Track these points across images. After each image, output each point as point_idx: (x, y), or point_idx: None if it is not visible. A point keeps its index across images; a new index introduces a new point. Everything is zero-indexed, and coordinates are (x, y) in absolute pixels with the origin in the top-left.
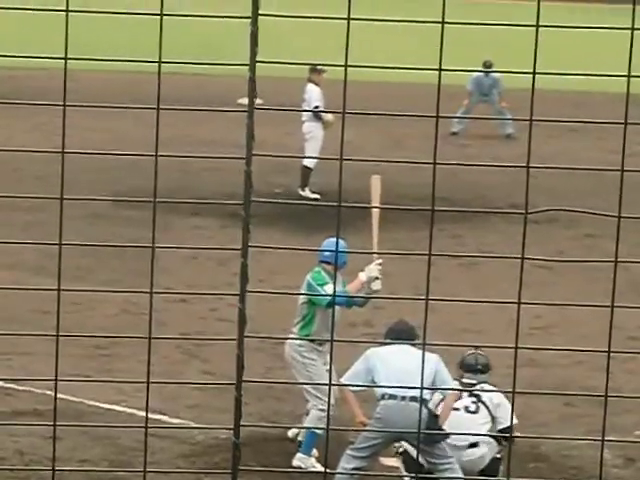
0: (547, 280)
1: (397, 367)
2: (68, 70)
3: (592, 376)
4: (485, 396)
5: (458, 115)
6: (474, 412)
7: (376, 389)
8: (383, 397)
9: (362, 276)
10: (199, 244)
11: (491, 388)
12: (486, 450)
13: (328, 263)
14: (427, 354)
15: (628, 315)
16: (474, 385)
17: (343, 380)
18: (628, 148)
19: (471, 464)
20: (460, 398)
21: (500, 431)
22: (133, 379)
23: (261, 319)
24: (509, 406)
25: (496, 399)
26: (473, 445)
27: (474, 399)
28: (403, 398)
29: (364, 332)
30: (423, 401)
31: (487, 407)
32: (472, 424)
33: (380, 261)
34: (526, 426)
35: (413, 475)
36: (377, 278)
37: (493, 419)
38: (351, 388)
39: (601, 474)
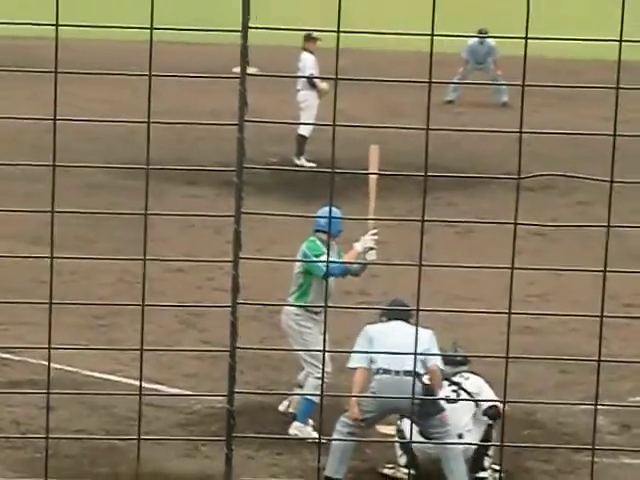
0: (542, 247)
1: (392, 343)
2: (63, 39)
3: (588, 343)
4: (466, 384)
5: (452, 81)
6: (454, 402)
7: (372, 365)
8: (378, 372)
9: (357, 246)
10: (195, 212)
11: (471, 375)
12: (471, 439)
13: (323, 232)
14: (421, 330)
15: (623, 283)
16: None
17: (351, 364)
18: (621, 115)
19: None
20: (442, 387)
21: (485, 411)
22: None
23: (257, 288)
24: (490, 390)
25: (477, 384)
26: (458, 437)
27: (454, 388)
28: (397, 373)
29: (360, 300)
30: (417, 375)
31: (469, 393)
32: (453, 415)
33: (375, 231)
34: (522, 393)
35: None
36: (372, 248)
37: (476, 404)
38: (358, 362)
39: (594, 439)
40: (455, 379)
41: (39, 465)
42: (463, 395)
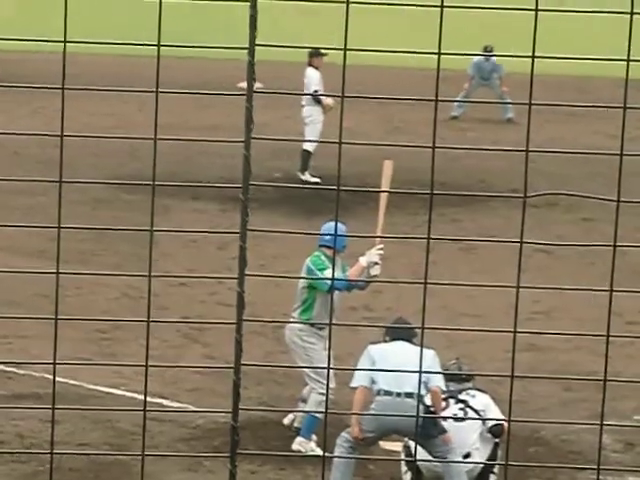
0: (546, 264)
1: (394, 364)
2: (68, 54)
3: (592, 361)
4: (472, 402)
5: (458, 99)
6: (462, 420)
7: (373, 385)
8: (379, 393)
9: (362, 261)
10: (199, 228)
11: (477, 393)
12: (478, 458)
13: (328, 247)
14: (424, 350)
15: (627, 300)
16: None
17: (353, 384)
18: (628, 133)
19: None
20: (448, 407)
21: (490, 428)
22: (132, 362)
23: (262, 304)
24: (496, 407)
25: (484, 402)
26: (466, 456)
27: (461, 406)
28: (398, 395)
29: (364, 316)
30: (419, 397)
31: (476, 411)
32: (461, 433)
33: (381, 246)
34: (526, 411)
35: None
36: (376, 263)
37: (483, 422)
38: (359, 381)
39: (599, 458)
40: (461, 397)
41: (43, 478)
42: (470, 413)
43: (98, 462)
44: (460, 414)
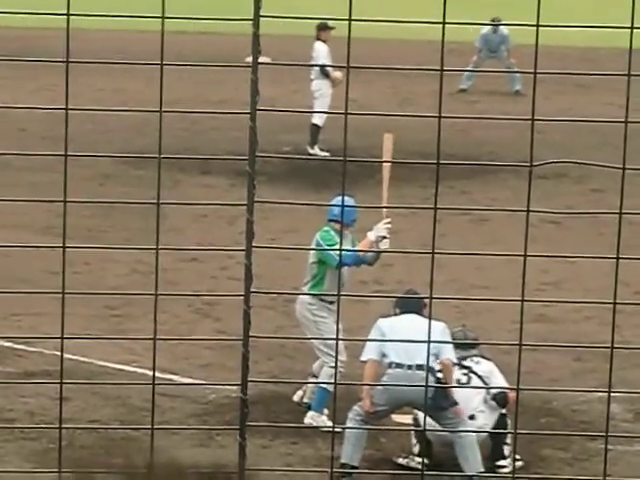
0: (556, 235)
1: (404, 336)
2: (75, 29)
3: (601, 330)
4: (476, 367)
5: (464, 69)
6: (465, 385)
7: (384, 358)
8: (390, 366)
9: (370, 235)
10: (207, 202)
11: (482, 359)
12: (483, 421)
13: (337, 222)
14: (434, 323)
15: (636, 270)
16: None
17: (363, 357)
18: (635, 102)
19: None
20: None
21: (494, 396)
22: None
23: (271, 278)
24: (501, 375)
25: (487, 368)
26: (470, 418)
27: (465, 371)
28: (409, 367)
29: (374, 289)
30: (430, 369)
31: (480, 377)
32: (465, 397)
33: (389, 220)
34: (537, 382)
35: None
36: (385, 237)
37: (487, 390)
38: (370, 354)
39: (607, 427)
40: (465, 363)
41: (53, 456)
42: (474, 378)
43: (109, 438)
44: (463, 379)
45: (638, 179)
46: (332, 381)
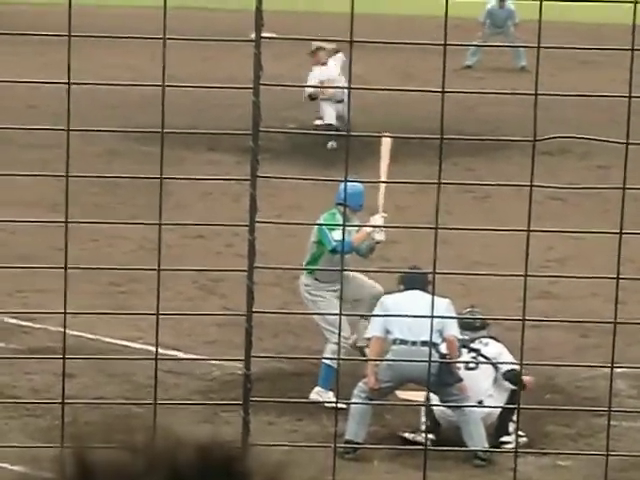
0: (561, 212)
1: (408, 313)
2: (79, 6)
3: (607, 307)
4: (485, 350)
5: (467, 43)
6: (473, 369)
7: (388, 335)
8: (395, 342)
9: (367, 228)
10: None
11: (491, 341)
12: (493, 404)
13: (344, 205)
14: (438, 299)
15: (639, 247)
16: (474, 341)
17: (367, 334)
18: None
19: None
20: (460, 356)
21: (504, 374)
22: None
23: (276, 254)
24: (510, 355)
25: (495, 349)
26: (479, 403)
27: (473, 354)
28: (414, 343)
29: (380, 266)
30: (434, 345)
31: (488, 359)
32: (474, 381)
33: (385, 214)
34: (542, 358)
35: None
36: (380, 229)
37: (495, 369)
38: (374, 331)
39: (610, 401)
40: (474, 345)
41: (58, 433)
42: (482, 360)
43: (113, 415)
44: (472, 363)
45: None
46: (332, 356)
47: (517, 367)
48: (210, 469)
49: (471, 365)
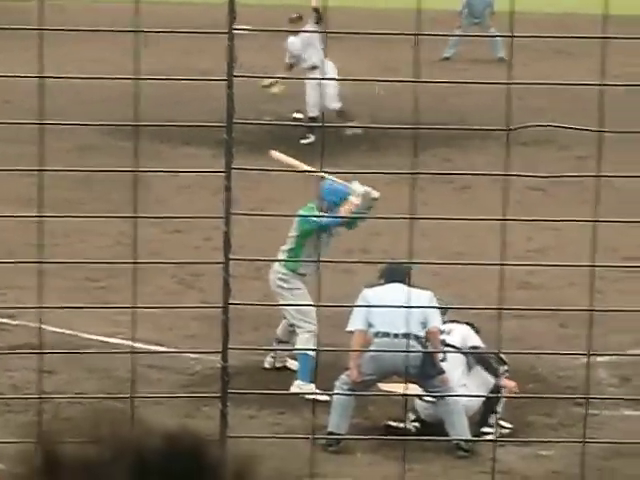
0: (540, 202)
1: (390, 305)
2: (58, 2)
3: (586, 297)
4: (450, 339)
5: (440, 34)
6: (442, 360)
7: (370, 328)
8: (377, 335)
9: (352, 198)
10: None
11: (454, 326)
12: (468, 392)
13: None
14: (420, 292)
15: (623, 236)
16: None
17: (349, 328)
18: (615, 69)
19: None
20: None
21: (479, 358)
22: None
23: (253, 248)
24: (476, 336)
25: (460, 336)
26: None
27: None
28: (396, 336)
29: (360, 258)
30: (418, 338)
31: (456, 348)
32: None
33: (377, 193)
34: (522, 348)
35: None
36: (366, 190)
37: (466, 356)
38: (356, 324)
39: (588, 389)
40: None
41: (36, 428)
42: (450, 352)
43: (94, 410)
44: (439, 356)
45: (621, 146)
46: (309, 346)
47: (481, 344)
48: (177, 457)
49: (440, 357)
